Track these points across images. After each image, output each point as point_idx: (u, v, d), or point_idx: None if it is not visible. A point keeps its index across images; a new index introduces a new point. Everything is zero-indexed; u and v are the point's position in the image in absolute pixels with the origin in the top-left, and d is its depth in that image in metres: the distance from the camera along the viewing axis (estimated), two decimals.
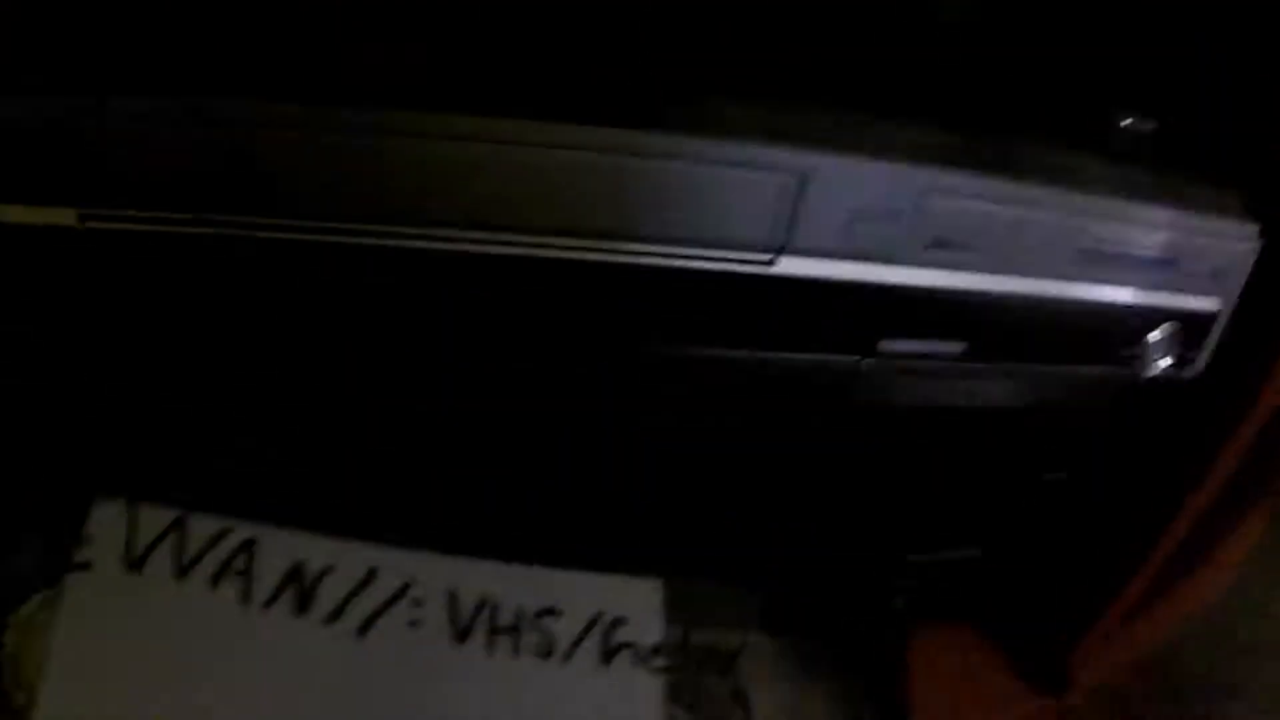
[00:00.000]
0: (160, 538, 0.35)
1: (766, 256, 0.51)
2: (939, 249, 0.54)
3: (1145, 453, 0.67)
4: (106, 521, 0.34)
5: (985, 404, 0.61)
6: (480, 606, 0.34)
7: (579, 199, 0.48)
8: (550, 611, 0.34)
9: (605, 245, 0.49)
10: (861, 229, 0.52)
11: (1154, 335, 0.62)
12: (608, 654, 0.34)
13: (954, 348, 0.57)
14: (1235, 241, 0.61)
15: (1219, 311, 0.63)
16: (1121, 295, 0.60)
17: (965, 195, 0.53)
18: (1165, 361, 0.62)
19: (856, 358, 0.56)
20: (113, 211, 0.45)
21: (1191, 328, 0.63)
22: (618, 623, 0.34)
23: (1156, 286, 0.61)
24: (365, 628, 0.33)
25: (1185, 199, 0.60)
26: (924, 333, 0.56)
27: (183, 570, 0.34)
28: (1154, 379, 0.63)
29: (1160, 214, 0.59)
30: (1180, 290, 0.61)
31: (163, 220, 0.46)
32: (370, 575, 0.34)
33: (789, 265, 0.52)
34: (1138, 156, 0.61)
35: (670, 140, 0.48)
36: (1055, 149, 0.57)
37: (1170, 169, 0.61)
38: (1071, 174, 0.56)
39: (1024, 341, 0.59)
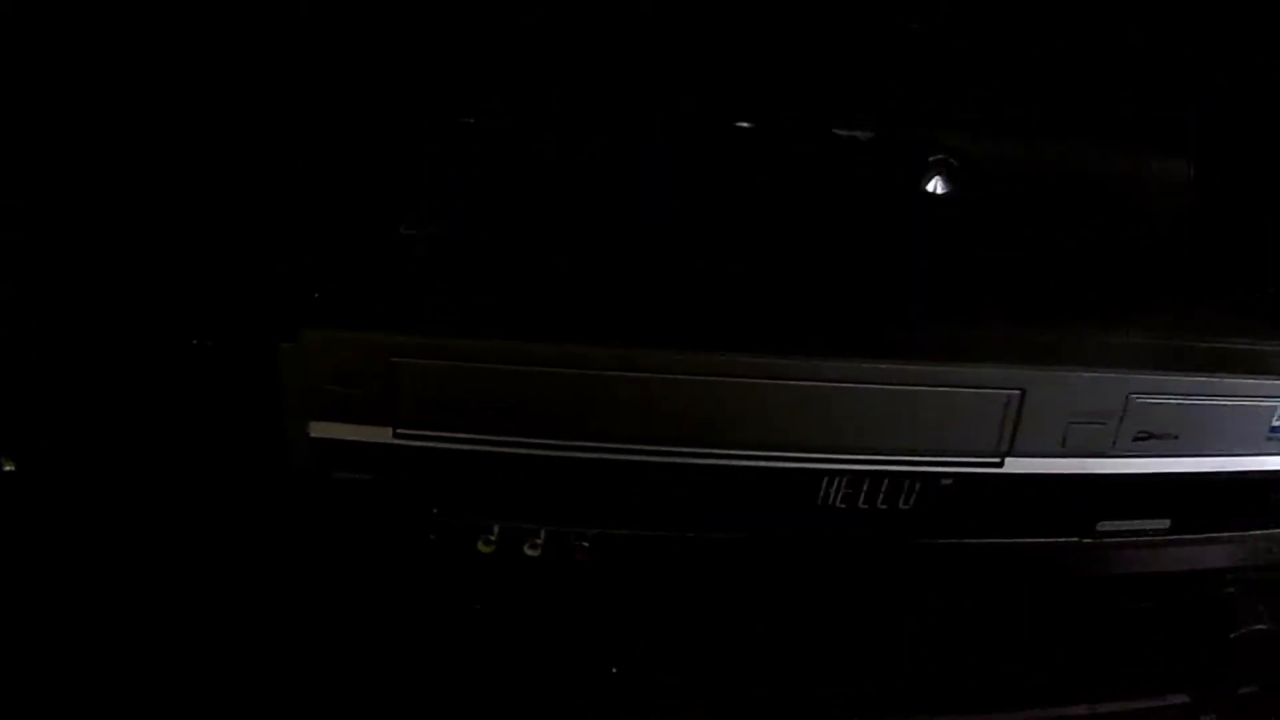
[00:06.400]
0: None
1: (996, 459, 0.58)
2: (1145, 441, 0.60)
3: None
4: None
5: (1192, 567, 0.66)
6: None
7: (849, 423, 0.57)
8: None
9: (865, 459, 0.57)
10: (1076, 430, 0.58)
11: None
12: None
13: (1161, 524, 0.63)
14: None
15: None
16: None
17: (1168, 393, 0.59)
18: None
19: (1077, 539, 0.62)
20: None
21: None
22: None
23: None
24: None
25: None
26: (1135, 513, 0.62)
27: None
28: None
29: None
30: None
31: None
32: None
33: (1015, 465, 0.58)
34: None
35: (910, 369, 0.56)
36: (1241, 338, 0.63)
37: None
38: (1259, 360, 0.62)
39: (1223, 512, 0.64)
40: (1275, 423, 0.63)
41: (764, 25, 0.64)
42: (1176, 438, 0.61)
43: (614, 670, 0.64)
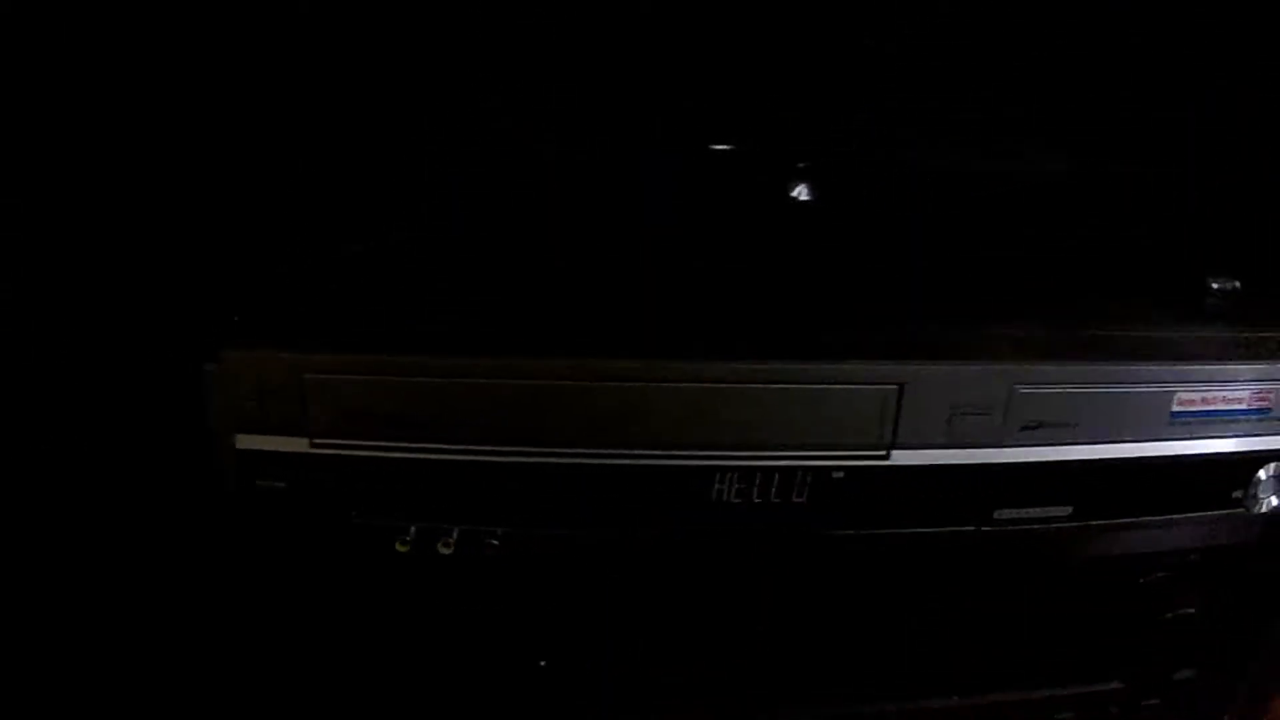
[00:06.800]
0: None
1: (882, 452, 0.60)
2: (1035, 429, 0.61)
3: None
4: None
5: (1102, 554, 0.67)
6: None
7: (744, 421, 0.59)
8: None
9: (754, 454, 0.60)
10: (960, 422, 0.60)
11: (1261, 476, 0.66)
12: None
13: (1063, 511, 0.64)
14: None
15: None
16: (1221, 446, 0.65)
17: (1052, 382, 0.60)
18: (1275, 498, 0.67)
19: (974, 527, 0.63)
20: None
21: None
22: None
23: (1256, 432, 0.65)
24: None
25: (1267, 349, 0.65)
26: (1032, 501, 0.63)
27: None
28: (1274, 512, 0.67)
29: (1249, 368, 0.64)
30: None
31: None
32: None
33: (900, 457, 0.60)
34: (1229, 315, 0.66)
35: (791, 368, 0.59)
36: (1142, 325, 0.64)
37: (1261, 321, 0.66)
38: (1158, 347, 0.63)
39: (1127, 499, 0.65)
40: (1176, 408, 0.63)
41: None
42: (1071, 426, 0.62)
43: (542, 663, 0.68)
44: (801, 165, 0.62)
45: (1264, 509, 0.67)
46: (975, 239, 0.68)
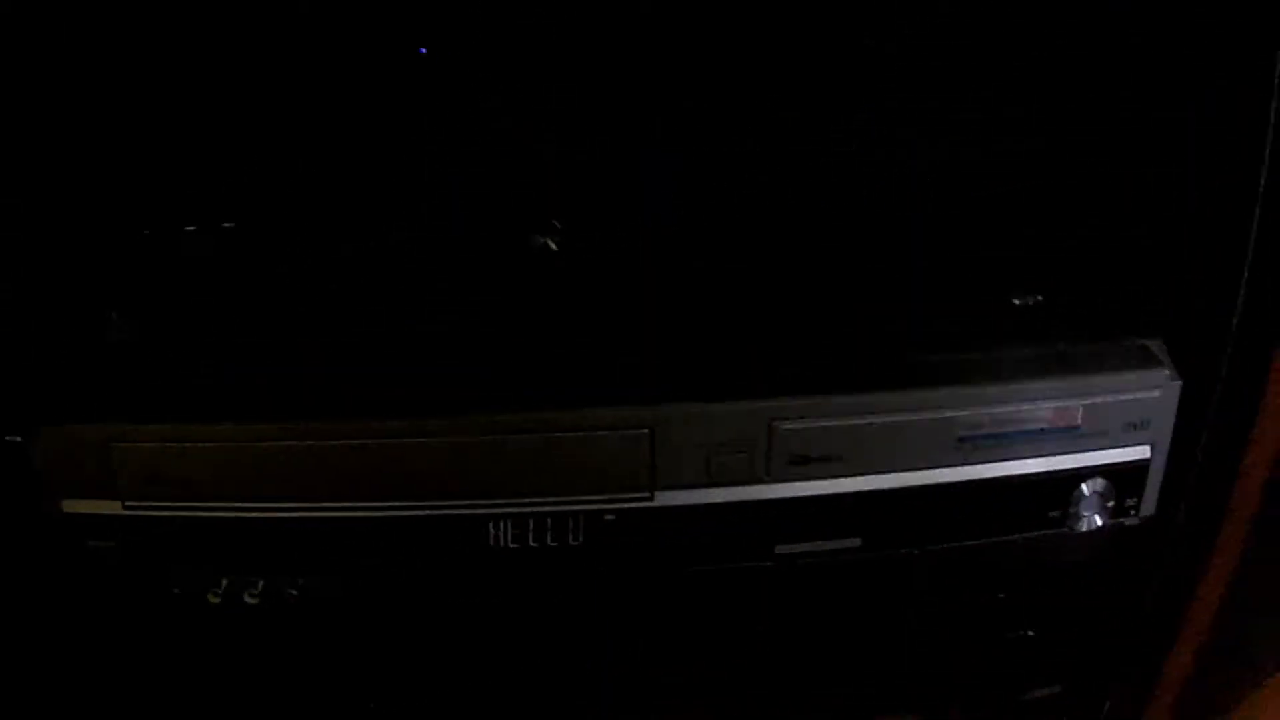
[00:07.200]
0: None
1: (646, 494, 0.61)
2: (802, 464, 0.60)
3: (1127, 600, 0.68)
4: None
5: (914, 582, 0.65)
6: None
7: (510, 469, 0.61)
8: None
9: (530, 500, 0.61)
10: (719, 460, 0.60)
11: (1085, 491, 0.64)
12: None
13: (851, 543, 0.63)
14: (1146, 391, 0.63)
15: (1149, 458, 0.64)
16: (1025, 466, 0.63)
17: (813, 416, 0.59)
18: (1099, 517, 0.64)
19: (758, 563, 0.63)
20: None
21: (1123, 478, 0.64)
22: None
23: (1066, 450, 0.63)
24: None
25: (1077, 364, 0.62)
26: (814, 535, 0.62)
27: None
28: (1104, 529, 0.64)
29: (1047, 386, 0.62)
30: (1096, 448, 0.63)
31: None
32: None
33: (664, 498, 0.61)
34: (1033, 332, 0.64)
35: (545, 417, 0.60)
36: (925, 346, 0.62)
37: (1067, 336, 0.64)
38: (938, 370, 0.61)
39: (923, 526, 0.63)
40: (963, 433, 0.61)
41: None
42: (843, 458, 0.61)
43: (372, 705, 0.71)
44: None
45: (1087, 527, 0.64)
46: (748, 263, 0.65)
